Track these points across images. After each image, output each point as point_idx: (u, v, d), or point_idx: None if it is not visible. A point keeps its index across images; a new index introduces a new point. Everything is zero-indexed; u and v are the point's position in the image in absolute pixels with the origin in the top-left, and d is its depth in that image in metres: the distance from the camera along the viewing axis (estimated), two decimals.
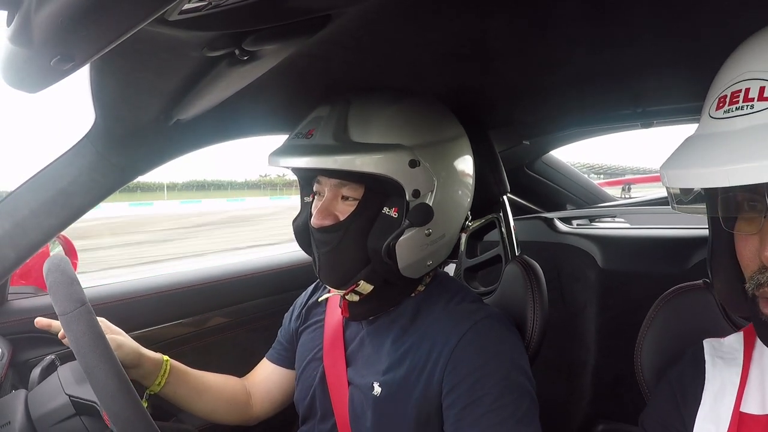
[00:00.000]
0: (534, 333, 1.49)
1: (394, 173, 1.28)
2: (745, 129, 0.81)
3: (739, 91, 0.85)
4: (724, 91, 0.88)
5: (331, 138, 1.32)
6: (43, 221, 1.55)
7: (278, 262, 2.61)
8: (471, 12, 1.19)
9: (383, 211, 1.34)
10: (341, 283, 1.40)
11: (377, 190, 1.34)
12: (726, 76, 0.90)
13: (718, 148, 0.82)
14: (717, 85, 0.92)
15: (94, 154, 1.57)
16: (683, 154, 0.89)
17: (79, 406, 1.19)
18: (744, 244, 0.94)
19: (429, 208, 1.32)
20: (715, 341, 1.13)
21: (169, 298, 2.16)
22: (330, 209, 1.37)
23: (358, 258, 1.36)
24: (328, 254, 1.39)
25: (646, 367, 1.36)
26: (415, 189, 1.31)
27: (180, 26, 0.86)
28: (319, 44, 1.18)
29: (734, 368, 1.05)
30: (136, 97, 1.36)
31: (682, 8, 1.21)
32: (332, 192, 1.38)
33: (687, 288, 1.36)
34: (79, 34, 0.65)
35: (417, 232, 1.33)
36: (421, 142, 1.33)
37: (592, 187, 3.69)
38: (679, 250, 2.53)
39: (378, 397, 1.38)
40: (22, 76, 0.78)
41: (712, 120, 0.89)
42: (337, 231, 1.36)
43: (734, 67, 0.89)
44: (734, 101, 0.85)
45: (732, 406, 1.00)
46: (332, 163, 1.28)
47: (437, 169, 1.34)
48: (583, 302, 2.83)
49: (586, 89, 1.94)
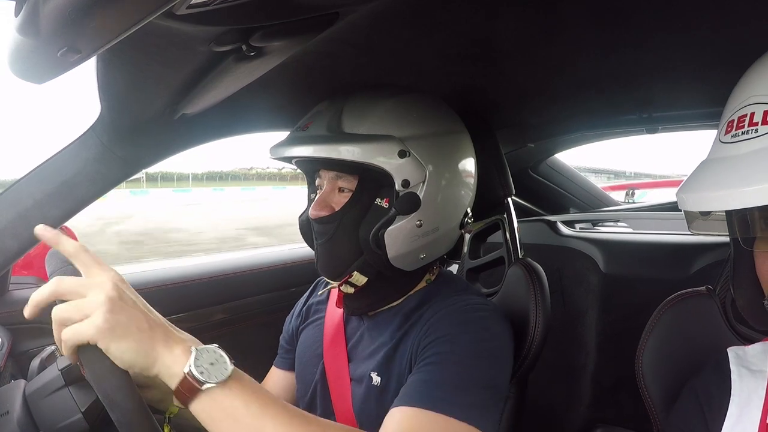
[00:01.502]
0: (536, 336, 1.49)
1: (382, 162, 1.30)
2: (750, 153, 0.84)
3: (744, 116, 0.88)
4: (732, 116, 0.91)
5: (325, 130, 1.35)
6: (46, 212, 1.55)
7: (280, 259, 2.61)
8: (479, 13, 1.19)
9: (376, 202, 1.36)
10: (336, 274, 1.41)
11: (370, 181, 1.36)
12: (734, 101, 0.93)
13: (728, 172, 0.85)
14: (726, 110, 0.94)
15: (99, 146, 1.57)
16: (698, 178, 0.92)
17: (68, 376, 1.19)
18: (763, 261, 0.96)
19: (416, 196, 1.33)
20: (739, 349, 1.13)
21: (169, 293, 2.16)
22: (327, 201, 1.40)
23: (352, 248, 1.38)
24: (325, 245, 1.41)
25: (647, 372, 1.36)
26: (405, 179, 1.32)
27: (187, 20, 0.86)
28: (326, 42, 1.18)
29: (760, 380, 1.04)
30: (143, 90, 1.36)
31: (691, 15, 1.21)
32: (330, 184, 1.41)
33: (690, 294, 1.36)
34: (87, 26, 0.65)
35: (406, 222, 1.34)
36: (412, 133, 1.35)
37: (595, 191, 3.69)
38: (682, 255, 2.52)
39: (378, 387, 1.38)
40: (29, 67, 0.78)
41: (721, 144, 0.91)
42: (332, 222, 1.38)
43: (741, 92, 0.92)
44: (740, 126, 0.88)
45: (759, 419, 1.00)
46: (319, 152, 1.31)
47: (428, 160, 1.35)
48: (585, 306, 2.83)
49: (592, 93, 1.94)
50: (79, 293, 1.00)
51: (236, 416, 1.02)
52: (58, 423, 1.16)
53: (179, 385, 1.00)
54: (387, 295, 1.47)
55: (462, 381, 1.22)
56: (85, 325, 0.96)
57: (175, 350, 1.03)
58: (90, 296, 1.00)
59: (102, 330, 0.96)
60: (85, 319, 0.97)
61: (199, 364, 1.01)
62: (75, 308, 0.99)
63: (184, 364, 1.01)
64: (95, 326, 0.96)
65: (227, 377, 1.03)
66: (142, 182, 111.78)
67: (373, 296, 1.46)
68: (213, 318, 2.25)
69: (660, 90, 1.93)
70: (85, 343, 0.97)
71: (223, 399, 1.02)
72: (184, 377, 0.99)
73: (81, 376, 1.16)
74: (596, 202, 3.60)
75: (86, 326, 0.96)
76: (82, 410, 1.15)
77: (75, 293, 1.00)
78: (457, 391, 1.21)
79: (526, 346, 1.49)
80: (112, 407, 0.99)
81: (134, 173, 1.69)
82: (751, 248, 0.97)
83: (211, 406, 1.02)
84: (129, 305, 1.03)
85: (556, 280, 2.89)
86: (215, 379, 1.01)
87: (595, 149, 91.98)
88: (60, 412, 1.16)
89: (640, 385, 1.37)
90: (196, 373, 1.00)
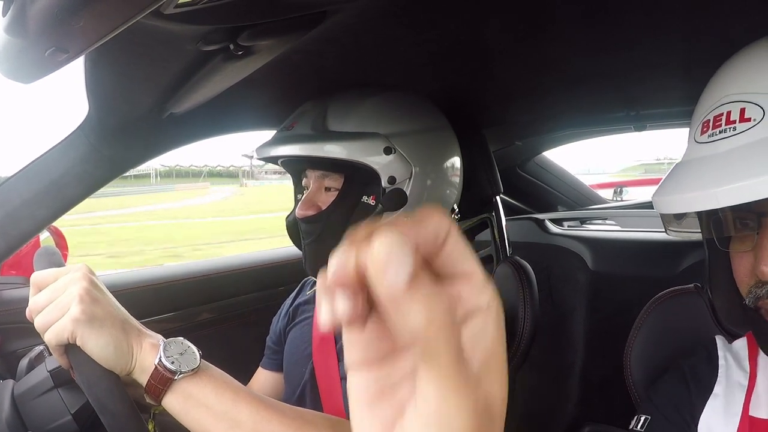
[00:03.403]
0: (524, 334, 1.50)
1: (367, 159, 1.31)
2: (729, 151, 0.84)
3: (721, 115, 0.88)
4: (707, 116, 0.91)
5: (310, 129, 1.37)
6: (34, 212, 1.55)
7: (268, 258, 2.61)
8: (466, 12, 1.19)
9: (362, 200, 1.37)
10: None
11: (356, 179, 1.37)
12: (708, 101, 0.93)
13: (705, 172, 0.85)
14: (700, 110, 0.95)
15: (87, 146, 1.56)
16: (673, 180, 0.92)
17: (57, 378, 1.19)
18: (739, 261, 0.96)
19: (402, 193, 1.34)
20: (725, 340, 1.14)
21: (156, 292, 2.15)
22: (313, 200, 1.41)
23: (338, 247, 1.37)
24: (312, 244, 1.42)
25: (635, 369, 1.37)
26: (391, 176, 1.33)
27: (175, 20, 0.86)
28: (314, 41, 1.18)
29: (742, 372, 1.05)
30: (130, 89, 1.36)
31: (679, 13, 1.21)
32: (316, 184, 1.42)
33: (678, 291, 1.37)
34: (75, 25, 0.65)
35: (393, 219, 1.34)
36: (397, 130, 1.36)
37: (583, 188, 3.70)
38: (670, 253, 2.53)
39: None
40: (17, 67, 0.78)
41: (697, 145, 0.92)
42: (318, 221, 1.39)
43: (715, 90, 0.92)
44: (717, 125, 0.88)
45: (741, 408, 1.01)
46: (304, 150, 1.33)
47: (414, 157, 1.35)
48: (573, 304, 2.84)
49: (580, 91, 1.94)
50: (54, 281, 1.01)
51: (210, 405, 1.03)
52: (48, 425, 1.15)
53: (151, 377, 1.01)
54: None
55: None
56: (64, 320, 0.97)
57: (144, 344, 1.04)
58: (67, 290, 1.00)
59: (80, 321, 0.97)
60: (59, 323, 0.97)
61: (169, 355, 1.02)
62: (53, 308, 0.99)
63: (154, 357, 1.01)
64: (73, 318, 0.96)
65: (197, 366, 1.03)
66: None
67: None
68: (200, 318, 2.24)
69: (648, 88, 1.93)
70: (66, 340, 0.98)
71: (194, 388, 1.03)
72: (156, 369, 1.01)
73: (70, 378, 1.16)
74: (584, 199, 3.60)
75: (65, 321, 0.97)
76: (72, 412, 1.15)
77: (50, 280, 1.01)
78: None
79: (514, 344, 1.49)
80: (103, 411, 1.00)
81: (122, 172, 1.69)
82: (727, 249, 0.97)
83: (185, 397, 1.03)
84: (102, 299, 1.03)
85: (545, 278, 2.90)
86: (186, 367, 1.02)
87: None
88: (49, 413, 1.16)
89: (628, 383, 1.38)
90: (167, 363, 1.01)
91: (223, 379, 1.09)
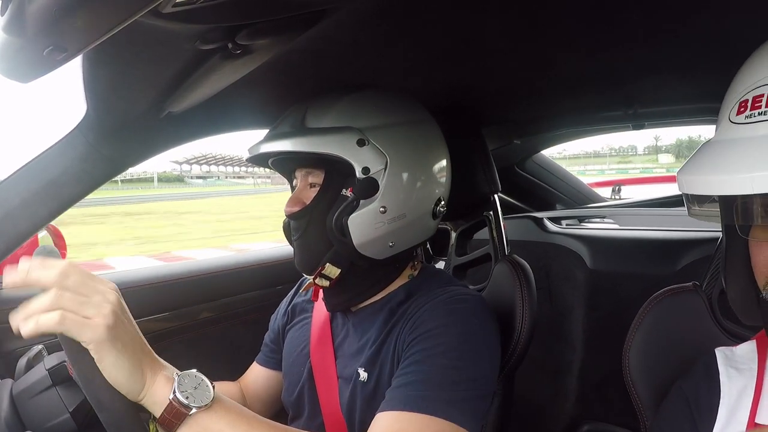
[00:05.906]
0: (522, 332, 1.49)
1: (341, 152, 1.33)
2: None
3: (761, 96, 0.83)
4: (745, 96, 0.86)
5: (289, 126, 1.40)
6: (33, 211, 1.55)
7: (267, 257, 2.62)
8: (466, 10, 1.19)
9: (342, 193, 1.39)
10: (310, 268, 1.43)
11: (336, 173, 1.39)
12: (746, 80, 0.88)
13: (741, 155, 0.80)
14: (737, 89, 0.89)
15: (85, 145, 1.56)
16: (703, 160, 0.87)
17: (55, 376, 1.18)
18: (759, 250, 0.93)
19: (373, 180, 1.35)
20: (727, 350, 1.10)
21: (155, 291, 2.15)
22: (299, 197, 1.43)
23: (322, 240, 1.40)
24: (299, 240, 1.44)
25: (633, 367, 1.37)
26: (365, 167, 1.35)
27: (173, 19, 0.86)
28: (312, 40, 1.18)
29: (749, 379, 1.02)
30: (128, 88, 1.36)
31: (678, 13, 1.21)
32: (303, 181, 1.45)
33: (677, 290, 1.36)
34: (72, 24, 0.65)
35: (370, 208, 1.36)
36: (370, 124, 1.38)
37: (582, 187, 3.70)
38: (668, 252, 2.53)
39: (365, 383, 1.38)
40: (15, 66, 0.78)
41: (732, 125, 0.86)
42: (304, 216, 1.41)
43: (755, 70, 0.87)
44: (756, 105, 0.83)
45: (747, 418, 0.98)
46: (281, 146, 1.36)
47: (388, 147, 1.37)
48: (571, 302, 2.83)
49: (579, 90, 1.94)
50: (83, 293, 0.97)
51: None
52: (46, 423, 1.15)
53: (165, 412, 1.00)
54: (364, 289, 1.48)
55: (446, 377, 1.23)
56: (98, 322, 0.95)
57: (158, 377, 1.03)
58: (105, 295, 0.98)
59: (102, 340, 0.95)
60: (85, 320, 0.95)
61: (183, 389, 1.02)
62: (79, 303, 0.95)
63: (168, 391, 1.01)
64: (97, 334, 0.95)
65: (211, 400, 1.03)
66: None
67: (350, 290, 1.47)
68: (199, 316, 2.24)
69: (646, 86, 1.93)
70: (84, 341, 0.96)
71: (208, 422, 1.03)
72: (170, 403, 1.00)
73: (68, 377, 1.16)
74: (582, 198, 3.61)
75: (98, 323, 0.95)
76: (70, 410, 1.15)
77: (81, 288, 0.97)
78: (440, 388, 1.22)
79: (512, 342, 1.49)
80: (100, 408, 0.99)
81: (120, 172, 1.69)
82: (747, 236, 0.93)
83: (198, 431, 1.02)
84: (129, 322, 1.03)
85: (543, 276, 2.90)
86: (200, 402, 1.02)
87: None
88: (48, 412, 1.16)
89: (626, 381, 1.38)
90: (182, 398, 1.01)
91: (236, 409, 1.09)
